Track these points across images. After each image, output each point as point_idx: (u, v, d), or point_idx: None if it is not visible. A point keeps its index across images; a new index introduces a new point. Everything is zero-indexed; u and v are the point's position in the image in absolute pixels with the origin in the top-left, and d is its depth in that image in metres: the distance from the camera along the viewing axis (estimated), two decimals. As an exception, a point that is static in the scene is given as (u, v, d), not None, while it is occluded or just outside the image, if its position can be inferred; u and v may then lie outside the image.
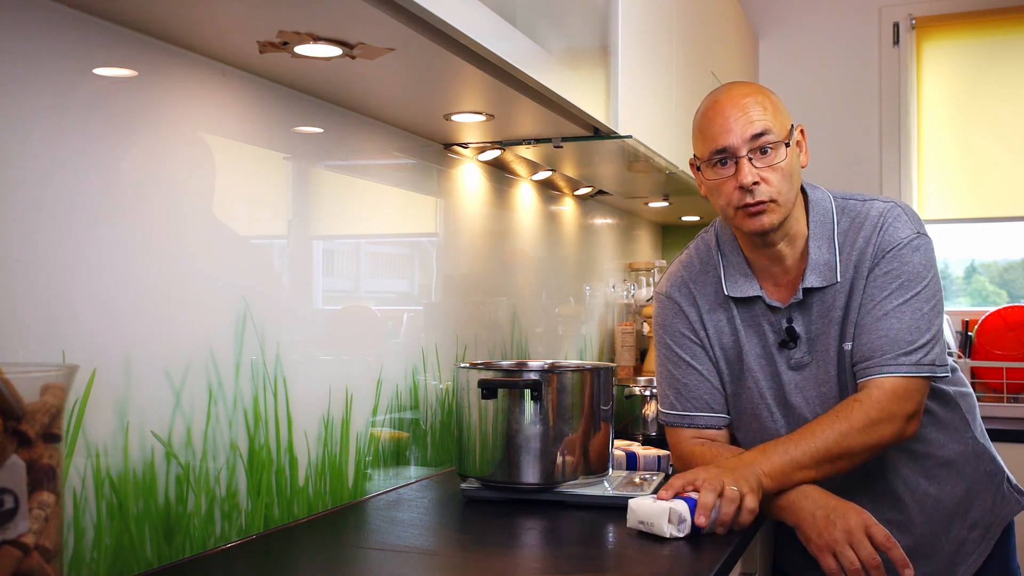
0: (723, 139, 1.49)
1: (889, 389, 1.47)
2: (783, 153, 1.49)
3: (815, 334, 1.56)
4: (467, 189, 2.09)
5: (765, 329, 1.60)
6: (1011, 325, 3.10)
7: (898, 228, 1.52)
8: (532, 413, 1.57)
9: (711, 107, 1.54)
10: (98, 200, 1.12)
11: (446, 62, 1.31)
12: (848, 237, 1.55)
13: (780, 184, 1.48)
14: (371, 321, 1.74)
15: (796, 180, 1.52)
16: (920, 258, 1.51)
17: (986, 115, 3.48)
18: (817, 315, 1.56)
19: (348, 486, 1.60)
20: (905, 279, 1.50)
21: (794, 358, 1.58)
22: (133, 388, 1.16)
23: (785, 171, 1.49)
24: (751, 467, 1.42)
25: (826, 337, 1.55)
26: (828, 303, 1.55)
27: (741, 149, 1.47)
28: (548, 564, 1.29)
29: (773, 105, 1.51)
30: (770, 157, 1.48)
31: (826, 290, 1.55)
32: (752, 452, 1.47)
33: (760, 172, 1.47)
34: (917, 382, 1.49)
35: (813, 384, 1.58)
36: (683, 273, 1.67)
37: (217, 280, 1.31)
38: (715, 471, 1.41)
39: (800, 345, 1.57)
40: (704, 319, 1.64)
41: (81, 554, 1.08)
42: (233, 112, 1.35)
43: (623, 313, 3.25)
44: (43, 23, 1.05)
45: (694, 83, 2.51)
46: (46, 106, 1.05)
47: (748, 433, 1.65)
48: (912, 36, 3.55)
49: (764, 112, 1.49)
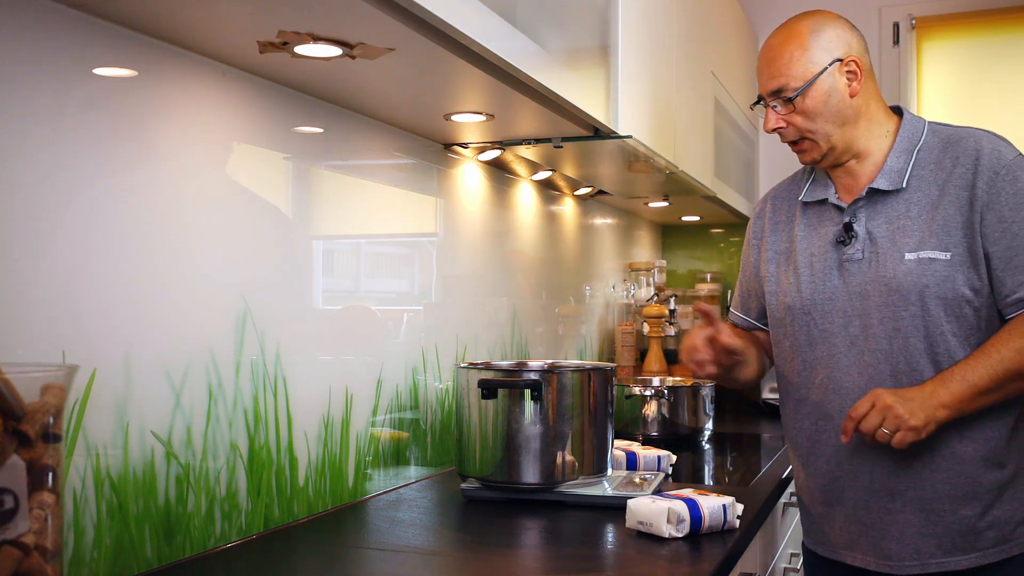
0: (759, 87, 1.66)
1: None
2: (807, 97, 1.59)
3: (876, 236, 1.60)
4: (467, 189, 2.09)
5: (828, 230, 1.66)
6: (1011, 325, 3.09)
7: (1001, 151, 1.57)
8: (532, 413, 1.57)
9: (760, 51, 1.68)
10: (98, 200, 1.12)
11: (446, 62, 1.31)
12: (934, 153, 1.60)
13: (805, 123, 1.60)
14: (371, 321, 1.74)
15: (833, 113, 1.60)
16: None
17: (986, 115, 3.48)
18: (883, 220, 1.61)
19: (348, 486, 1.60)
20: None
21: (847, 254, 1.62)
22: (133, 388, 1.16)
23: (811, 110, 1.59)
24: (929, 399, 1.47)
25: (888, 242, 1.59)
26: (900, 211, 1.59)
27: (766, 98, 1.63)
28: (548, 564, 1.29)
29: (803, 51, 1.59)
30: (790, 105, 1.60)
31: (898, 196, 1.60)
32: (933, 382, 1.51)
33: (783, 117, 1.61)
34: None
35: (858, 291, 1.61)
36: (771, 190, 1.83)
37: (217, 280, 1.31)
38: (891, 400, 1.47)
39: (855, 243, 1.62)
40: (768, 227, 1.77)
41: (81, 554, 1.08)
42: (233, 112, 1.35)
43: (623, 313, 3.25)
44: (43, 23, 1.05)
45: (694, 83, 2.51)
46: (46, 106, 1.05)
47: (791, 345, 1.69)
48: (912, 36, 3.55)
49: (787, 63, 1.59)
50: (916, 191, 1.59)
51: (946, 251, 1.53)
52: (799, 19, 1.64)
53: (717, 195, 2.83)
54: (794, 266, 1.68)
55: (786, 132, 1.63)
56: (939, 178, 1.58)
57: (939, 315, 1.53)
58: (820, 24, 1.62)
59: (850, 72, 1.61)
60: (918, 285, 1.54)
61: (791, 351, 1.67)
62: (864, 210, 1.62)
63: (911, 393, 1.49)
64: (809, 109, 1.59)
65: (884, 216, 1.60)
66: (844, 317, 1.61)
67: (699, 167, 2.54)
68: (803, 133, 1.61)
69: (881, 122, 1.65)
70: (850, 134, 1.62)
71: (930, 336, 1.54)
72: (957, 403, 1.48)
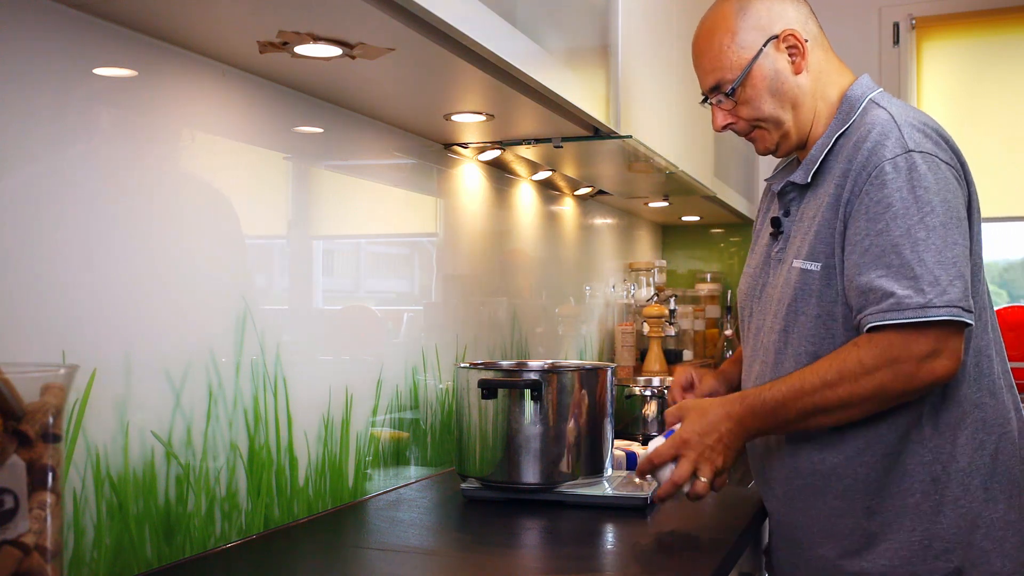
0: (699, 84, 1.55)
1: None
2: (747, 87, 1.45)
3: (792, 234, 1.47)
4: (467, 189, 2.09)
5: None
6: (1011, 325, 3.10)
7: (884, 145, 1.34)
8: (532, 413, 1.57)
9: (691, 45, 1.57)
10: (98, 200, 1.12)
11: (446, 62, 1.31)
12: (851, 139, 1.40)
13: (752, 112, 1.47)
14: (371, 321, 1.74)
15: (779, 96, 1.45)
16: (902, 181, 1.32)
17: (986, 115, 3.48)
18: (799, 217, 1.47)
19: (348, 486, 1.60)
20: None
21: (774, 250, 1.50)
22: (133, 388, 1.16)
23: (755, 98, 1.45)
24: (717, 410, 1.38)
25: (793, 244, 1.45)
26: (808, 208, 1.44)
27: (708, 96, 1.52)
28: (548, 564, 1.29)
29: (731, 37, 1.45)
30: (732, 98, 1.47)
31: (810, 190, 1.45)
32: (737, 394, 1.41)
33: (730, 113, 1.50)
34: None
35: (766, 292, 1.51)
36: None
37: (217, 280, 1.31)
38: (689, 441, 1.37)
39: (780, 239, 1.49)
40: (757, 215, 1.67)
41: (81, 554, 1.08)
42: (233, 112, 1.35)
43: (623, 313, 3.25)
44: (43, 23, 1.05)
45: (694, 83, 2.51)
46: (46, 106, 1.05)
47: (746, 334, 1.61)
48: (912, 36, 3.55)
49: (717, 56, 1.47)
50: (819, 187, 1.43)
51: (816, 261, 1.38)
52: (708, 14, 1.52)
53: (717, 195, 2.83)
54: (746, 264, 1.63)
55: (737, 127, 1.50)
56: (836, 170, 1.39)
57: (807, 330, 1.39)
58: (746, 2, 1.46)
59: (791, 48, 1.44)
60: (788, 297, 1.42)
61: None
62: (795, 202, 1.49)
63: (706, 407, 1.38)
64: (752, 98, 1.45)
65: (800, 213, 1.46)
66: (757, 315, 1.53)
67: (699, 167, 2.54)
68: (753, 124, 1.48)
69: (831, 100, 1.47)
70: (804, 116, 1.46)
71: (795, 350, 1.41)
72: (753, 430, 1.37)
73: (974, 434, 1.37)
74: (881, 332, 1.29)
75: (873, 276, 1.29)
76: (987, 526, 1.35)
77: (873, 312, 1.29)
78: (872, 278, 1.29)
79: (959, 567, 1.34)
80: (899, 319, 1.27)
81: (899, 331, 1.27)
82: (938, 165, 1.32)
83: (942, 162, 1.33)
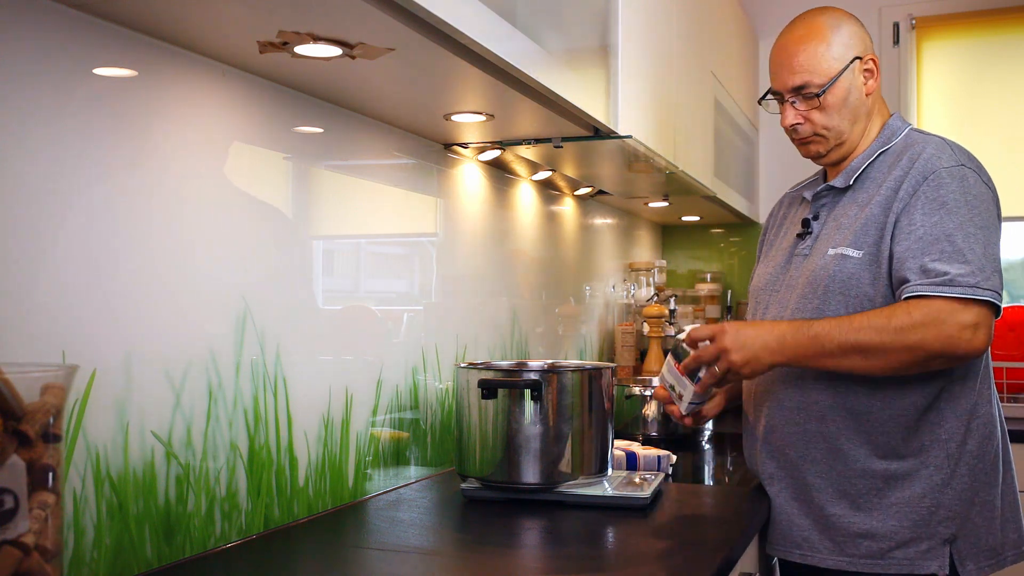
0: (773, 82, 1.68)
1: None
2: (830, 94, 1.62)
3: (822, 233, 1.65)
4: (467, 189, 2.09)
5: (799, 223, 1.72)
6: (1011, 325, 3.10)
7: (941, 157, 1.56)
8: (532, 413, 1.57)
9: (773, 47, 1.69)
10: (98, 200, 1.12)
11: (446, 62, 1.31)
12: (892, 156, 1.62)
13: (824, 120, 1.64)
14: (371, 321, 1.74)
15: (850, 110, 1.64)
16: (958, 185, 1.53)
17: (986, 115, 3.48)
18: (832, 217, 1.64)
19: (348, 486, 1.60)
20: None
21: (799, 248, 1.67)
22: (133, 388, 1.16)
23: (832, 107, 1.62)
24: (759, 338, 1.51)
25: (825, 238, 1.63)
26: (845, 208, 1.63)
27: (785, 95, 1.66)
28: (548, 564, 1.29)
29: (826, 47, 1.62)
30: (812, 101, 1.63)
31: (848, 194, 1.64)
32: (780, 324, 1.53)
33: (802, 113, 1.64)
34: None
35: (790, 283, 1.66)
36: (789, 188, 1.90)
37: (217, 280, 1.31)
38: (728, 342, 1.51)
39: (808, 238, 1.67)
40: (772, 224, 1.85)
41: (81, 554, 1.08)
42: (233, 112, 1.35)
43: (623, 313, 3.25)
44: (43, 23, 1.05)
45: (694, 83, 2.51)
46: (46, 106, 1.05)
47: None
48: (912, 36, 3.55)
49: (810, 60, 1.61)
50: (861, 190, 1.63)
51: (859, 249, 1.55)
52: (816, 15, 1.66)
53: (717, 195, 2.83)
54: (765, 259, 1.78)
55: (803, 128, 1.65)
56: (882, 178, 1.60)
57: (838, 310, 1.55)
58: (838, 21, 1.64)
59: (867, 70, 1.65)
60: (823, 279, 1.58)
61: None
62: (827, 207, 1.67)
63: (750, 330, 1.52)
64: (830, 105, 1.62)
65: (834, 213, 1.65)
66: (776, 306, 1.67)
67: (699, 167, 2.54)
68: (818, 129, 1.65)
69: (877, 124, 1.69)
70: (858, 131, 1.66)
71: (817, 300, 1.58)
72: (789, 351, 1.49)
73: (983, 424, 1.59)
74: (930, 299, 1.44)
75: (927, 260, 1.47)
76: (980, 505, 1.57)
77: (924, 284, 1.45)
78: (926, 261, 1.47)
79: (955, 534, 1.55)
80: (951, 292, 1.43)
81: (948, 300, 1.44)
82: (982, 182, 1.56)
83: (984, 181, 1.57)
